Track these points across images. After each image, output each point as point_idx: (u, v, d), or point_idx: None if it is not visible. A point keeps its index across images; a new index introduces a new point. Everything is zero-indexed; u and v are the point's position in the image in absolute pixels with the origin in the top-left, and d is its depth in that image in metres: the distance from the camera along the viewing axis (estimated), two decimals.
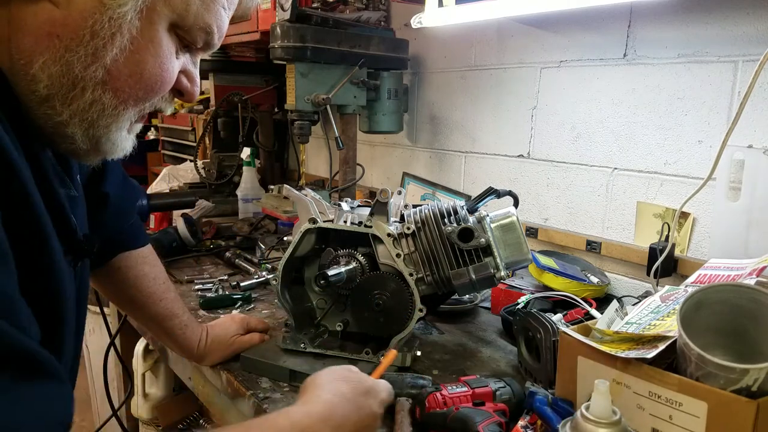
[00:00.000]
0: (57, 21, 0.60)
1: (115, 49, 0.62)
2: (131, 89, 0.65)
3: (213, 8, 0.68)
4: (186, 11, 0.66)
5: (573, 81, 1.64)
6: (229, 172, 2.55)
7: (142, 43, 0.64)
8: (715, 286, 0.81)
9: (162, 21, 0.65)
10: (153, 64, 0.66)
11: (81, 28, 0.61)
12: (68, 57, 0.61)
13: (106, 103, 0.65)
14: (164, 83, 0.68)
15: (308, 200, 1.18)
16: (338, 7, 2.04)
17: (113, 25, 0.61)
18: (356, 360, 1.13)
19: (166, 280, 1.13)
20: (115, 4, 0.61)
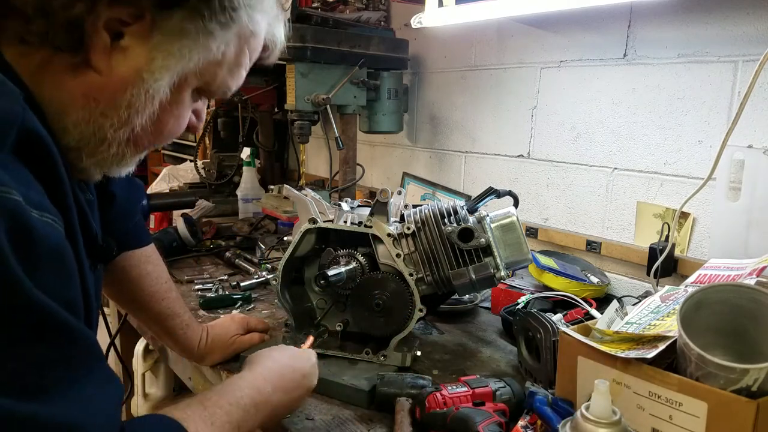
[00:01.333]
0: (96, 86, 0.64)
1: (145, 117, 0.67)
2: (150, 143, 0.71)
3: (237, 74, 0.74)
4: (213, 80, 0.71)
5: (573, 81, 1.64)
6: (229, 172, 2.55)
7: (167, 108, 0.69)
8: (715, 286, 0.81)
9: (189, 88, 0.70)
10: (174, 124, 0.72)
11: (118, 97, 0.65)
12: (102, 121, 0.65)
13: (127, 155, 0.70)
14: (179, 133, 0.74)
15: (308, 200, 1.18)
16: (338, 7, 2.04)
17: (148, 97, 0.65)
18: (356, 360, 1.13)
19: (168, 280, 1.13)
20: (152, 79, 0.65)
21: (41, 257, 0.50)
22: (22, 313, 0.48)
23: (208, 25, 0.66)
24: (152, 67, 0.64)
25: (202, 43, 0.67)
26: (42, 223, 0.52)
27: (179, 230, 1.91)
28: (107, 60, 0.63)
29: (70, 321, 0.52)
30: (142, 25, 0.63)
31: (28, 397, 0.47)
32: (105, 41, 0.62)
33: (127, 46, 0.63)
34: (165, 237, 1.88)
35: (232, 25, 0.68)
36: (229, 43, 0.70)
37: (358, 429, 0.95)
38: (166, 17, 0.63)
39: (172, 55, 0.65)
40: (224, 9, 0.66)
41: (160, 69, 0.65)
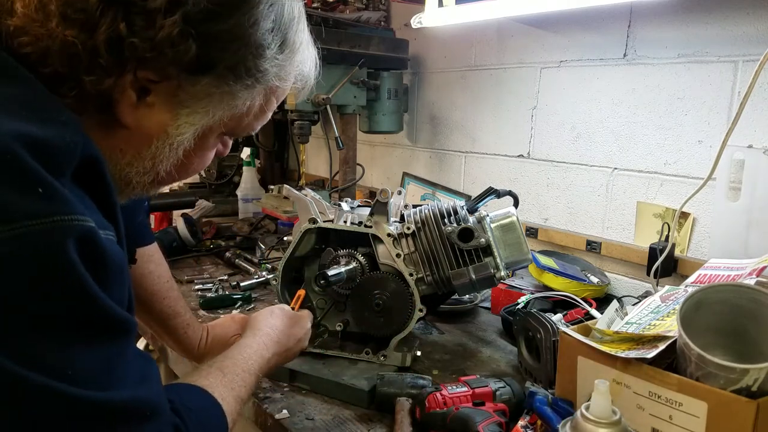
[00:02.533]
0: (122, 138, 0.66)
1: (168, 164, 0.69)
2: (173, 180, 0.75)
3: (263, 118, 0.76)
4: (238, 126, 0.73)
5: (573, 81, 1.64)
6: (229, 172, 2.55)
7: (192, 155, 0.71)
8: (715, 286, 0.81)
9: (213, 136, 0.72)
10: (197, 165, 0.74)
11: (144, 149, 0.67)
12: (128, 170, 0.68)
13: (150, 191, 0.74)
14: (202, 169, 0.79)
15: (308, 200, 1.18)
16: (338, 7, 2.04)
17: (172, 149, 0.67)
18: (356, 360, 1.13)
19: (170, 279, 1.13)
20: (177, 133, 0.66)
21: (109, 269, 0.55)
22: (98, 321, 0.54)
23: (234, 88, 0.67)
24: (177, 122, 0.66)
25: (227, 102, 0.68)
26: (108, 242, 0.56)
27: (179, 230, 1.91)
28: (133, 115, 0.64)
29: (127, 317, 0.57)
30: (168, 84, 0.64)
31: (109, 386, 0.53)
32: (132, 99, 0.63)
33: (153, 103, 0.64)
34: (165, 237, 1.88)
35: (257, 85, 0.69)
36: (255, 98, 0.71)
37: (358, 429, 0.95)
38: (192, 82, 0.65)
39: (196, 113, 0.67)
40: (251, 74, 0.67)
41: (185, 125, 0.66)
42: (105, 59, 0.59)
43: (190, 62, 0.62)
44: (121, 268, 0.58)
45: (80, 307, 0.52)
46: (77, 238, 0.51)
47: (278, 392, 1.06)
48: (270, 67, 0.69)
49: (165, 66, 0.62)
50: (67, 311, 0.51)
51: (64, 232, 0.50)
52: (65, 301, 0.51)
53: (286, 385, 1.08)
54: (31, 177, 0.50)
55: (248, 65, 0.66)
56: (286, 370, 1.09)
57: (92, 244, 0.53)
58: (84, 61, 0.59)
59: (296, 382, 1.08)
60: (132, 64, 0.61)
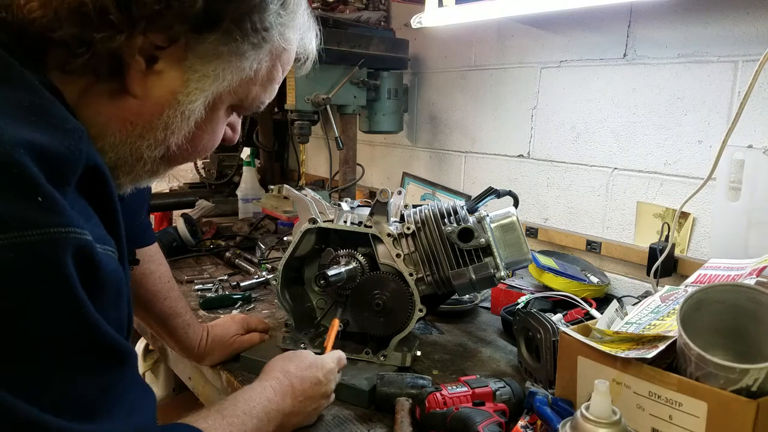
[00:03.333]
0: (132, 109, 0.65)
1: (180, 136, 0.68)
2: (183, 158, 0.73)
3: (270, 88, 0.75)
4: (247, 97, 0.73)
5: (573, 81, 1.64)
6: (229, 172, 2.55)
7: (202, 126, 0.70)
8: (715, 286, 0.81)
9: (224, 106, 0.72)
10: (208, 140, 0.73)
11: (155, 119, 0.66)
12: (139, 143, 0.67)
13: (160, 169, 0.72)
14: (213, 149, 0.75)
15: (308, 200, 1.18)
16: (338, 7, 2.04)
17: (183, 118, 0.67)
18: (356, 360, 1.13)
19: (171, 279, 1.13)
20: (188, 100, 0.66)
21: (104, 288, 0.54)
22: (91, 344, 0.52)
23: (241, 47, 0.67)
24: (187, 89, 0.66)
25: (236, 63, 0.68)
26: (106, 256, 0.55)
27: (179, 230, 1.91)
28: (143, 84, 0.64)
29: (123, 344, 0.55)
30: (176, 48, 0.64)
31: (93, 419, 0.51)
32: (141, 66, 0.63)
33: (161, 70, 0.65)
34: (165, 237, 1.88)
35: (264, 44, 0.69)
36: (262, 61, 0.71)
37: (358, 429, 0.95)
38: (199, 41, 0.65)
39: (206, 77, 0.66)
40: (256, 30, 0.67)
41: (195, 91, 0.66)
42: (115, 16, 0.59)
43: (197, 16, 0.62)
44: (118, 288, 0.57)
45: (73, 326, 0.50)
46: (74, 252, 0.50)
47: None
48: (274, 22, 0.69)
49: (172, 23, 0.62)
50: (59, 331, 0.49)
51: (61, 245, 0.49)
52: (58, 319, 0.49)
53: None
54: (32, 186, 0.49)
55: (253, 19, 0.67)
56: None
57: (87, 259, 0.52)
58: (94, 20, 0.59)
59: None
60: (141, 23, 0.61)
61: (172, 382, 1.91)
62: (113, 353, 0.54)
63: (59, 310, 0.49)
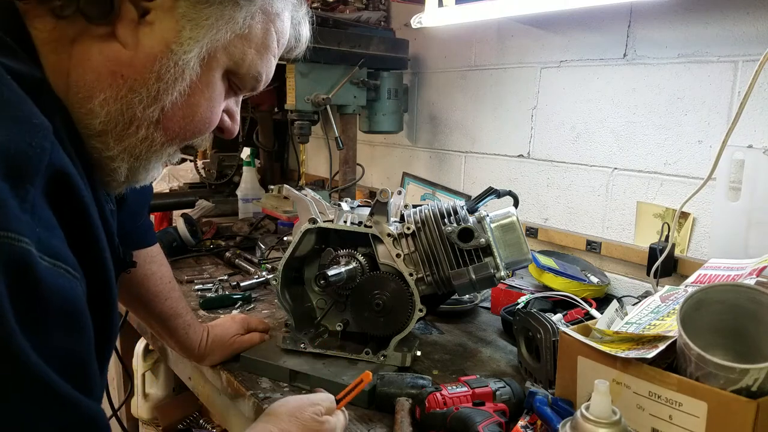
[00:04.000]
0: (123, 61, 0.62)
1: (175, 93, 0.65)
2: (181, 129, 0.68)
3: (266, 57, 0.73)
4: (242, 60, 0.70)
5: (573, 81, 1.64)
6: (229, 172, 2.55)
7: (198, 88, 0.67)
8: (715, 286, 0.81)
9: (219, 67, 0.69)
10: (205, 108, 0.69)
11: (147, 70, 0.63)
12: (130, 97, 0.63)
13: (156, 141, 0.67)
14: (211, 125, 0.71)
15: (308, 200, 1.18)
16: (338, 7, 2.04)
17: (177, 70, 0.64)
18: (356, 360, 1.13)
19: (172, 280, 1.13)
20: (181, 50, 0.64)
21: (47, 311, 0.46)
22: (18, 381, 0.43)
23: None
24: (180, 38, 0.64)
25: (228, 13, 0.66)
26: (53, 273, 0.47)
27: (179, 230, 1.91)
28: (134, 34, 0.62)
29: (59, 385, 0.46)
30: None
31: None
32: (132, 15, 0.62)
33: (153, 21, 0.63)
34: (165, 237, 1.88)
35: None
36: (255, 16, 0.69)
37: (358, 429, 0.95)
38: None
39: (199, 26, 0.64)
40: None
41: (188, 40, 0.64)
42: None
43: None
44: (69, 310, 0.49)
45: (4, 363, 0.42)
46: (5, 261, 0.43)
47: (278, 392, 1.06)
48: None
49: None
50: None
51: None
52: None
53: (286, 385, 1.08)
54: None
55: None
56: (286, 371, 1.09)
57: (22, 271, 0.44)
58: None
59: (296, 382, 1.08)
60: None
61: (172, 382, 1.91)
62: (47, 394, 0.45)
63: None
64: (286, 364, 1.10)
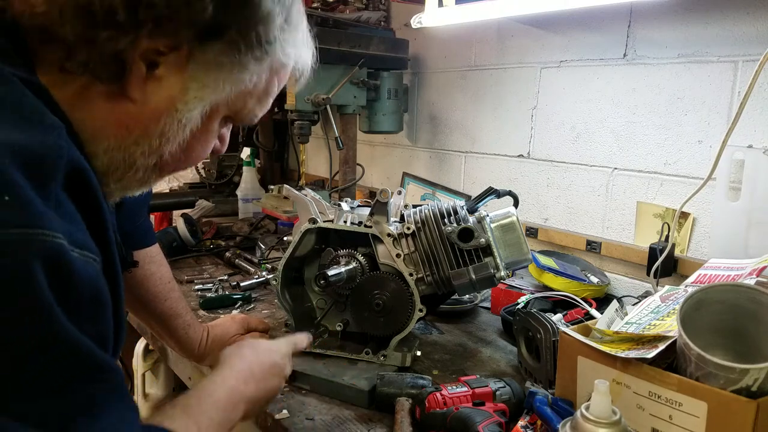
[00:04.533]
0: (130, 114, 0.64)
1: (175, 145, 0.68)
2: (173, 168, 0.72)
3: (265, 102, 0.75)
4: (242, 110, 0.72)
5: (573, 81, 1.64)
6: (229, 172, 2.55)
7: (197, 136, 0.70)
8: (715, 286, 0.81)
9: (219, 117, 0.71)
10: (200, 150, 0.72)
11: (152, 126, 0.65)
12: (133, 149, 0.66)
13: (151, 178, 0.71)
14: (203, 158, 0.75)
15: (308, 200, 1.18)
16: (338, 7, 2.04)
17: (180, 126, 0.66)
18: (356, 360, 1.13)
19: (171, 280, 1.13)
20: (186, 109, 0.65)
21: (81, 297, 0.51)
22: (64, 355, 0.49)
23: (244, 59, 0.67)
24: (186, 97, 0.65)
25: (236, 75, 0.68)
26: (83, 263, 0.52)
27: (179, 230, 1.91)
28: (142, 89, 0.63)
29: (99, 356, 0.52)
30: (178, 55, 0.63)
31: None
32: (141, 71, 0.62)
33: (162, 76, 0.64)
34: (165, 237, 1.88)
35: (266, 58, 0.69)
36: (261, 74, 0.71)
37: (358, 429, 0.95)
38: (203, 49, 0.64)
39: (206, 87, 0.66)
40: (260, 43, 0.67)
41: (194, 99, 0.66)
42: (122, 17, 0.58)
43: (204, 24, 0.62)
44: (97, 294, 0.54)
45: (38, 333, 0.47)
46: (43, 255, 0.47)
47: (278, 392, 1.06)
48: (278, 35, 0.69)
49: (179, 29, 0.61)
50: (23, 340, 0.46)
51: (28, 247, 0.46)
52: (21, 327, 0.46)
53: (286, 385, 1.08)
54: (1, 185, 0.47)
55: (258, 31, 0.66)
56: None
57: (58, 264, 0.49)
58: (100, 20, 0.58)
59: (296, 382, 1.08)
60: (147, 26, 0.60)
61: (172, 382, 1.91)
62: (88, 364, 0.50)
63: (23, 316, 0.46)
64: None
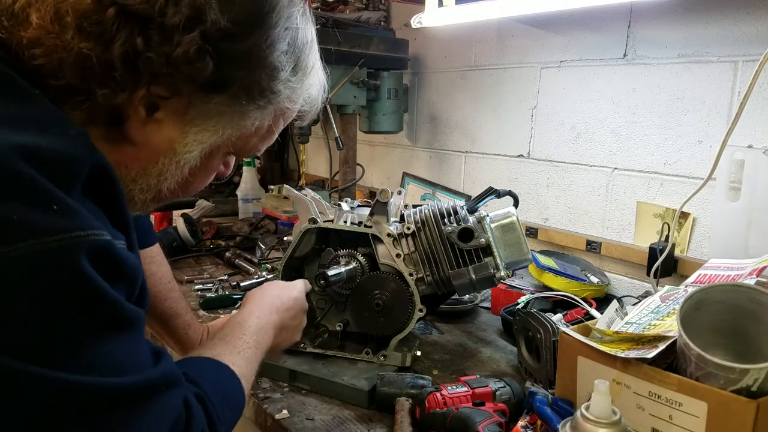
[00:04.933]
0: (129, 154, 0.65)
1: (173, 182, 0.69)
2: (172, 198, 0.73)
3: (269, 140, 0.76)
4: (244, 147, 0.73)
5: (573, 81, 1.64)
6: None
7: (196, 173, 0.71)
8: (715, 286, 0.81)
9: (219, 154, 0.72)
10: (198, 184, 0.74)
11: (150, 165, 0.66)
12: (131, 186, 0.67)
13: (147, 207, 0.72)
14: (201, 188, 0.76)
15: (308, 200, 1.18)
16: (338, 7, 2.04)
17: (178, 167, 0.67)
18: (356, 360, 1.13)
19: (171, 280, 1.13)
20: (184, 151, 0.66)
21: (126, 278, 0.56)
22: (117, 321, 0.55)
23: (246, 108, 0.67)
24: (185, 140, 0.66)
25: (237, 122, 0.68)
26: (125, 252, 0.57)
27: (179, 230, 1.91)
28: (142, 132, 0.64)
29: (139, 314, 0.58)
30: (178, 101, 0.64)
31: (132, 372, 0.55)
32: (141, 115, 0.63)
33: (161, 119, 0.64)
34: (165, 237, 1.88)
35: (269, 106, 0.69)
36: (265, 119, 0.71)
37: (358, 429, 0.95)
38: (203, 100, 0.64)
39: (205, 131, 0.66)
40: (264, 95, 0.67)
41: (193, 143, 0.66)
42: (119, 73, 0.58)
43: (206, 80, 0.62)
44: (136, 272, 0.59)
45: (101, 312, 0.53)
46: (93, 252, 0.52)
47: (278, 392, 1.06)
48: (283, 88, 0.69)
49: (179, 83, 0.62)
50: (90, 317, 0.52)
51: (82, 247, 0.51)
52: (86, 308, 0.52)
53: (286, 385, 1.08)
54: (43, 193, 0.50)
55: (262, 86, 0.66)
56: (286, 371, 1.09)
57: (110, 256, 0.54)
58: (98, 74, 0.58)
59: (296, 382, 1.08)
60: (146, 79, 0.60)
61: None
62: (133, 322, 0.57)
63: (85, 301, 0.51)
64: (286, 363, 1.10)
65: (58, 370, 0.50)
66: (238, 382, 0.76)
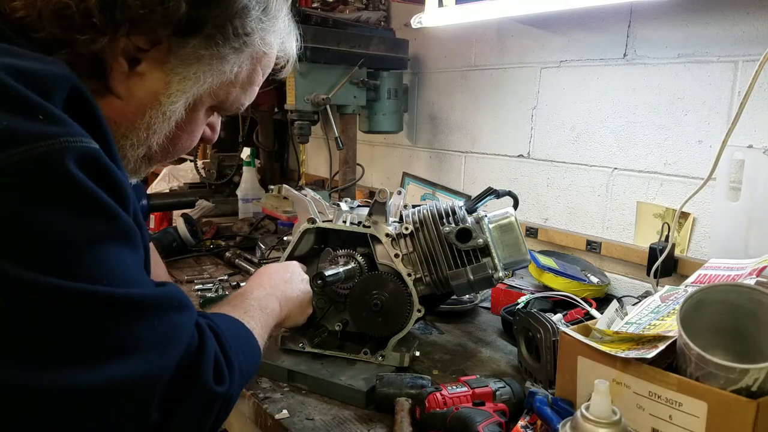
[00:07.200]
0: (116, 109, 0.67)
1: (161, 136, 0.71)
2: (164, 157, 0.76)
3: (250, 90, 0.78)
4: (226, 99, 0.75)
5: (573, 81, 1.64)
6: (229, 172, 2.55)
7: (183, 127, 0.73)
8: (715, 286, 0.81)
9: (203, 107, 0.74)
10: (186, 139, 0.75)
11: (137, 119, 0.69)
12: (122, 143, 0.69)
13: (141, 167, 0.75)
14: (191, 147, 0.78)
15: (308, 200, 1.17)
16: (338, 7, 2.04)
17: (165, 118, 0.69)
18: (354, 360, 1.13)
19: (167, 279, 1.13)
20: (169, 101, 0.69)
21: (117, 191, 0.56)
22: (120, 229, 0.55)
23: (222, 51, 0.69)
24: (169, 90, 0.68)
25: (216, 66, 0.70)
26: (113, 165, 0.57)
27: (179, 230, 1.91)
28: (126, 85, 0.66)
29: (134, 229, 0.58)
30: (158, 51, 0.66)
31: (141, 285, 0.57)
32: (123, 68, 0.65)
33: (144, 72, 0.66)
34: (165, 237, 1.88)
35: (245, 48, 0.71)
36: (243, 64, 0.73)
37: (358, 429, 0.95)
38: (181, 44, 0.66)
39: (187, 79, 0.68)
40: (238, 35, 0.69)
41: (176, 92, 0.68)
42: (98, 19, 0.60)
43: (180, 21, 0.64)
44: (127, 189, 0.59)
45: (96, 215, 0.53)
46: (82, 159, 0.52)
47: (278, 392, 1.06)
48: (255, 28, 0.71)
49: (155, 27, 0.63)
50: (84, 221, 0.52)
51: (71, 152, 0.51)
52: (79, 211, 0.52)
53: (286, 385, 1.08)
54: (29, 103, 0.51)
55: (235, 24, 0.68)
56: (285, 371, 1.09)
57: (99, 165, 0.54)
58: (77, 23, 0.60)
59: (295, 383, 1.08)
60: (124, 26, 0.62)
61: None
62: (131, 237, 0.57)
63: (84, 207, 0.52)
64: (285, 363, 1.10)
65: (55, 276, 0.49)
66: (251, 333, 0.78)
